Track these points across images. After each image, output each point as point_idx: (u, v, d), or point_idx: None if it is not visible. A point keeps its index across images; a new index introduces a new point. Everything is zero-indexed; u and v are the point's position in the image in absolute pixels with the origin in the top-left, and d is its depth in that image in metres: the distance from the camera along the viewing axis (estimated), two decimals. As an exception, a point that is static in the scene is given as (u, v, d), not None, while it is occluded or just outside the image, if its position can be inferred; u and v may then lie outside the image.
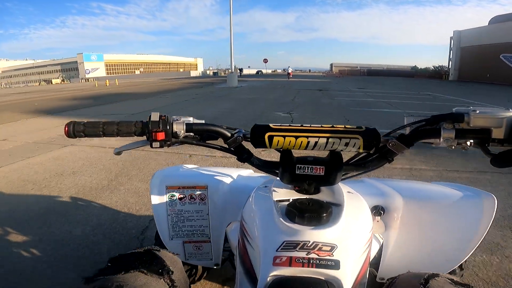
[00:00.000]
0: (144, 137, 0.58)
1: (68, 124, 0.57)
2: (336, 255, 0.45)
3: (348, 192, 0.61)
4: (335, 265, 0.44)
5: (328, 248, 0.45)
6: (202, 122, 0.61)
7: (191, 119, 0.60)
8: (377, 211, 0.78)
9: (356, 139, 0.54)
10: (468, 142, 0.53)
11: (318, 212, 0.49)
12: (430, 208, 0.78)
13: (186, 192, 0.86)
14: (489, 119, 0.51)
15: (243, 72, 52.81)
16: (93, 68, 70.58)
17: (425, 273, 0.54)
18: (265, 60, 42.04)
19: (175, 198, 0.86)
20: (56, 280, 1.41)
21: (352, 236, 0.50)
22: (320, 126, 0.55)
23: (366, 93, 12.29)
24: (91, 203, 2.22)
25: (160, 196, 0.87)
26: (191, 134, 0.60)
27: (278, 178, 0.60)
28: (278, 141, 0.55)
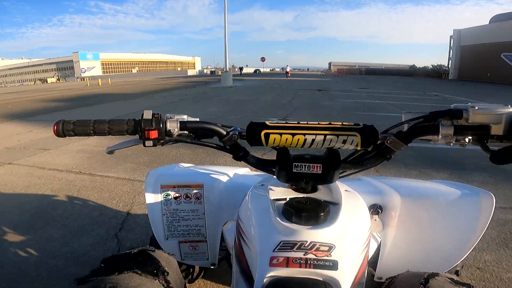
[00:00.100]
0: (137, 136, 0.57)
1: (57, 123, 0.56)
2: (334, 255, 0.44)
3: (346, 190, 0.60)
4: (333, 265, 0.43)
5: (326, 248, 0.45)
6: (197, 120, 0.60)
7: (185, 117, 0.60)
8: (374, 209, 0.77)
9: (353, 136, 0.53)
10: (467, 139, 0.53)
11: (316, 211, 0.49)
12: (428, 206, 0.77)
13: (182, 191, 0.85)
14: (488, 115, 0.50)
15: (243, 71, 52.50)
16: (89, 67, 69.85)
17: (424, 273, 0.54)
18: (263, 59, 41.42)
19: (170, 197, 0.85)
20: None
21: (350, 235, 0.49)
22: (317, 123, 0.55)
23: (370, 94, 11.47)
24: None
25: (154, 196, 0.85)
26: (185, 132, 0.59)
27: (274, 177, 0.59)
28: (275, 139, 0.54)
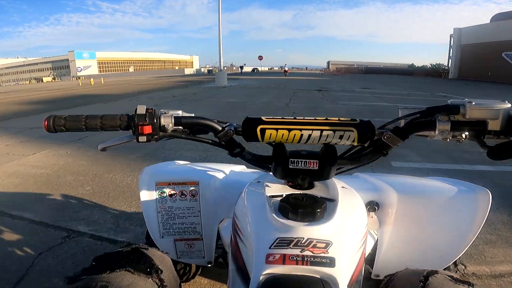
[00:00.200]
0: (130, 131, 0.56)
1: (47, 118, 0.55)
2: (331, 252, 0.44)
3: (343, 187, 0.60)
4: (330, 262, 0.43)
5: (323, 245, 0.44)
6: (192, 115, 0.59)
7: (180, 112, 0.59)
8: (371, 206, 0.76)
9: (350, 132, 0.52)
10: (464, 135, 0.52)
11: (312, 208, 0.48)
12: (425, 203, 0.76)
13: (177, 189, 0.84)
14: (485, 110, 0.50)
15: (243, 70, 51.82)
16: (85, 66, 68.93)
17: (424, 270, 0.54)
18: (260, 57, 40.79)
19: (165, 194, 0.84)
20: None
21: (347, 232, 0.48)
22: (313, 118, 0.54)
23: (374, 95, 10.68)
24: None
25: (149, 193, 0.84)
26: (180, 128, 0.58)
27: (271, 174, 0.59)
28: (271, 134, 0.54)
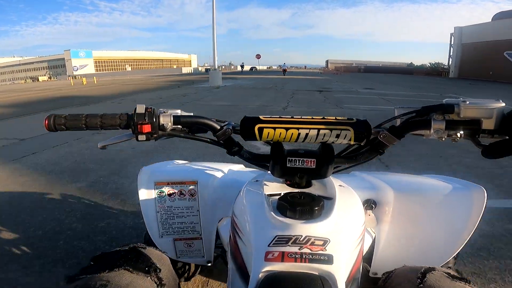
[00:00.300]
0: (130, 130, 0.56)
1: (48, 117, 0.55)
2: (329, 250, 0.44)
3: (340, 185, 0.60)
4: (328, 259, 0.43)
5: (321, 243, 0.45)
6: (191, 114, 0.60)
7: (178, 111, 0.60)
8: (368, 204, 0.76)
9: (347, 131, 0.53)
10: (459, 134, 0.53)
11: (310, 206, 0.48)
12: (421, 201, 0.77)
13: (176, 188, 0.84)
14: (480, 109, 0.50)
15: (244, 69, 51.24)
16: (82, 65, 68.01)
17: (421, 267, 0.54)
18: (258, 56, 40.19)
19: (164, 194, 0.84)
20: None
21: (345, 230, 0.49)
22: (311, 117, 0.55)
23: (381, 97, 9.82)
24: None
25: (148, 193, 0.83)
26: (179, 126, 0.59)
27: (269, 172, 0.59)
28: (269, 133, 0.54)
